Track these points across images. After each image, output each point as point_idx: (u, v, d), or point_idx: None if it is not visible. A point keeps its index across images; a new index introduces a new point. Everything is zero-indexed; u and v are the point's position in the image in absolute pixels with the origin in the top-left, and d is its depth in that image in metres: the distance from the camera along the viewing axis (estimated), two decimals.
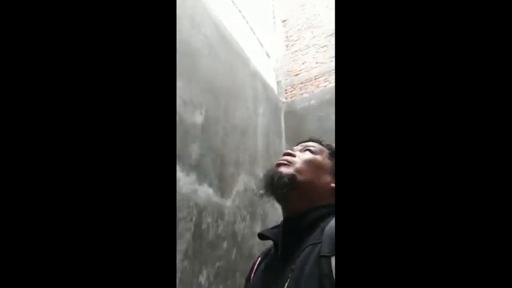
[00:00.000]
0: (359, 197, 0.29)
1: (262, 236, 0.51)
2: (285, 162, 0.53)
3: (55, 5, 0.32)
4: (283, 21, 4.09)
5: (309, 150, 0.55)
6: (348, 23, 0.32)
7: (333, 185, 0.51)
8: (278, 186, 0.50)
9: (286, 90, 3.62)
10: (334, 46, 3.49)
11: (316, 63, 3.55)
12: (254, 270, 0.53)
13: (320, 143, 0.58)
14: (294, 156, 0.54)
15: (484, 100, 0.27)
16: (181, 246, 1.50)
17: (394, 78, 0.30)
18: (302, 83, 3.53)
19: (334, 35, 3.54)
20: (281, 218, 0.54)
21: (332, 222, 0.41)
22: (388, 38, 0.30)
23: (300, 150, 0.55)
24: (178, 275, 1.47)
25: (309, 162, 0.52)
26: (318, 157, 0.54)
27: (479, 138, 0.27)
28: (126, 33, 0.34)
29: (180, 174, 1.64)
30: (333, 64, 3.38)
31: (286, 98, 3.54)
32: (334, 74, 3.30)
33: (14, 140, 0.29)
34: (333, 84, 3.25)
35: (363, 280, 0.27)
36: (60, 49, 0.32)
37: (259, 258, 0.55)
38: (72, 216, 0.30)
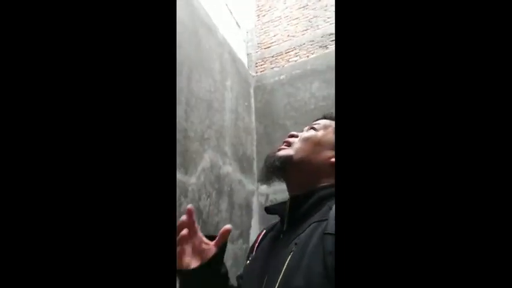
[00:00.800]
0: (359, 179, 0.29)
1: (269, 210, 0.52)
2: (284, 146, 0.53)
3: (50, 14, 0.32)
4: None
5: (313, 128, 0.54)
6: (348, 21, 0.32)
7: (333, 159, 0.49)
8: (271, 170, 0.51)
9: (256, 63, 3.48)
10: (306, 18, 3.37)
11: (288, 36, 3.43)
12: (258, 242, 0.54)
13: (332, 118, 0.57)
14: (296, 136, 0.54)
15: (484, 96, 0.27)
16: None
17: (393, 72, 0.30)
18: (273, 57, 3.40)
19: (306, 7, 3.41)
20: (248, 195, 0.52)
21: None
22: (388, 37, 0.31)
23: (306, 130, 0.55)
24: None
25: (306, 140, 0.52)
26: (319, 133, 0.53)
27: (481, 130, 0.27)
28: (126, 29, 0.34)
29: None
30: (304, 38, 3.28)
31: (257, 72, 3.42)
32: (305, 48, 3.22)
33: (13, 139, 0.30)
34: (303, 58, 3.18)
35: (363, 261, 0.27)
36: (60, 50, 0.32)
37: (264, 231, 0.56)
38: (71, 211, 0.30)
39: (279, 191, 2.66)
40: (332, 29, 3.15)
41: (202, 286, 0.47)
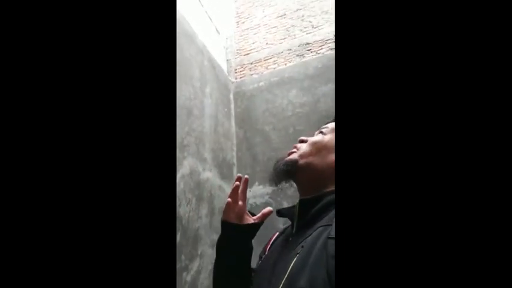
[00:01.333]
0: (359, 183, 0.29)
1: (280, 213, 0.53)
2: (293, 150, 0.55)
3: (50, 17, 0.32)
4: None
5: (321, 132, 0.55)
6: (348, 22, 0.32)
7: None
8: (279, 174, 0.52)
9: (235, 69, 3.54)
10: (284, 27, 3.48)
11: (266, 43, 3.53)
12: (270, 244, 0.56)
13: None
14: (305, 141, 0.55)
15: (484, 92, 0.27)
16: None
17: (393, 72, 0.30)
18: (252, 63, 3.48)
19: (284, 16, 3.53)
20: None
21: None
22: (388, 37, 0.30)
23: (315, 134, 0.56)
24: None
25: (313, 145, 0.53)
26: (327, 137, 0.53)
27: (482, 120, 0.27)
28: (128, 32, 0.35)
29: None
30: (282, 46, 3.39)
31: (236, 78, 3.48)
32: (283, 56, 3.33)
33: (13, 139, 0.30)
34: (281, 66, 3.29)
35: (363, 264, 0.27)
36: (59, 52, 0.32)
37: (277, 233, 0.57)
38: (71, 211, 0.31)
39: (258, 195, 2.73)
40: (308, 39, 3.28)
41: (233, 242, 0.54)
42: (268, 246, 0.56)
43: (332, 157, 0.51)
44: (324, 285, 0.36)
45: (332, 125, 0.56)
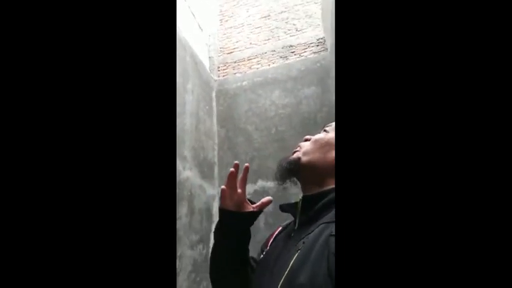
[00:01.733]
0: (359, 180, 0.29)
1: (282, 208, 0.54)
2: (297, 149, 0.56)
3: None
4: None
5: (325, 130, 0.56)
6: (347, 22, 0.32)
7: None
8: (282, 172, 0.53)
9: (218, 67, 3.48)
10: (268, 28, 3.50)
11: (250, 43, 3.52)
12: (273, 238, 0.56)
13: None
14: (308, 140, 0.56)
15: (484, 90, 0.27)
16: None
17: (393, 72, 0.30)
18: (235, 62, 3.45)
19: (268, 17, 3.54)
20: (209, 199, 0.55)
21: None
22: (387, 37, 0.30)
23: (319, 133, 0.57)
24: None
25: (315, 142, 0.54)
26: (329, 134, 0.54)
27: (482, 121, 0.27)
28: (128, 31, 0.35)
29: None
30: (266, 47, 3.40)
31: (219, 76, 3.42)
32: (267, 57, 3.33)
33: (14, 140, 0.30)
34: (264, 67, 3.29)
35: (363, 263, 0.27)
36: (59, 54, 0.32)
37: (280, 228, 0.58)
38: (71, 211, 0.31)
39: None
40: (292, 41, 3.32)
41: (230, 229, 0.53)
42: (271, 240, 0.56)
43: (333, 153, 0.52)
44: (325, 282, 0.36)
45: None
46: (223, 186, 0.54)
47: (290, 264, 0.41)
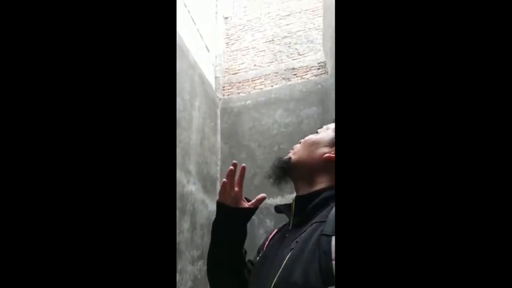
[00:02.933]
0: (359, 180, 0.29)
1: (277, 209, 0.55)
2: (290, 151, 0.58)
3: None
4: (225, 18, 4.10)
5: (316, 132, 0.58)
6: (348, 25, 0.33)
7: (326, 155, 0.51)
8: (274, 173, 0.55)
9: (223, 87, 3.63)
10: (271, 52, 3.69)
11: (254, 65, 3.69)
12: (269, 240, 0.57)
13: None
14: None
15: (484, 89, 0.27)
16: None
17: (393, 72, 0.30)
18: (240, 82, 3.60)
19: (272, 42, 3.75)
20: (210, 215, 0.59)
21: None
22: (386, 37, 0.31)
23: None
24: None
25: (304, 143, 0.56)
26: (319, 134, 0.56)
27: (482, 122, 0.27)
28: (128, 32, 0.35)
29: None
30: (269, 69, 3.57)
31: (224, 95, 3.56)
32: (270, 79, 3.49)
33: (15, 141, 0.30)
34: (268, 88, 3.44)
35: (362, 260, 0.27)
36: (59, 55, 0.32)
37: (276, 230, 0.58)
38: (71, 211, 0.31)
39: None
40: (294, 64, 3.50)
41: (228, 224, 0.55)
42: (267, 242, 0.57)
43: (321, 150, 0.52)
44: (316, 279, 0.37)
45: (329, 125, 0.58)
46: (224, 179, 0.56)
47: (284, 263, 0.42)
